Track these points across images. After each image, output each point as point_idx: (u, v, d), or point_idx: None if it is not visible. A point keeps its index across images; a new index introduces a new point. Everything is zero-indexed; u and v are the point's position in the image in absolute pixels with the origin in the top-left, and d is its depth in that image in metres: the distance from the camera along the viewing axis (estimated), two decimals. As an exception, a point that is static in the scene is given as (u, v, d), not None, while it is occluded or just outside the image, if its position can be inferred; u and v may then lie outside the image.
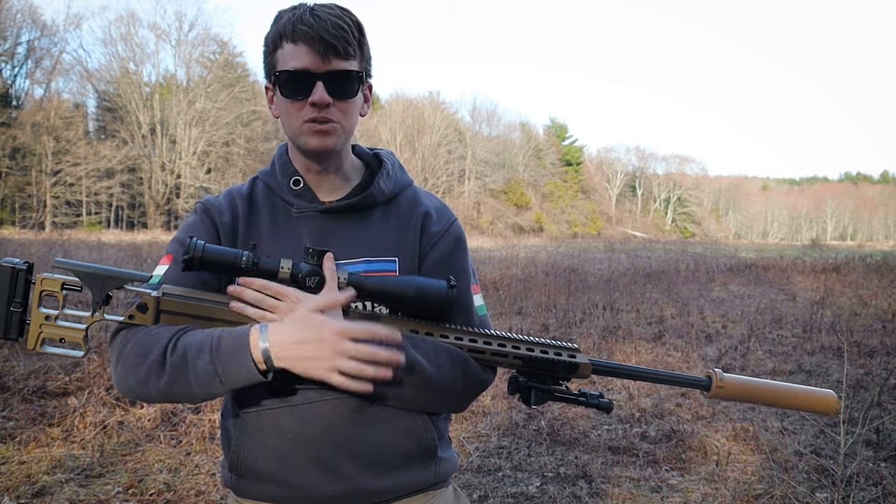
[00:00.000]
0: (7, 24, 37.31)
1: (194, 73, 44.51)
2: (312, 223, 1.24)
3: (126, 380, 1.12)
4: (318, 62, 1.15)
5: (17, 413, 4.36)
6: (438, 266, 1.27)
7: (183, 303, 1.12)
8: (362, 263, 1.22)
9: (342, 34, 1.15)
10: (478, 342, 1.17)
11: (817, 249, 32.33)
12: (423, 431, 1.23)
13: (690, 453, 4.23)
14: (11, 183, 35.87)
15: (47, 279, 1.09)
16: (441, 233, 1.29)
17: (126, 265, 13.14)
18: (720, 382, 1.19)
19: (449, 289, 1.13)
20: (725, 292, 12.99)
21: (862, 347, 7.31)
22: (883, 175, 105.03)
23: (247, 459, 1.20)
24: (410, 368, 1.11)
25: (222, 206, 1.26)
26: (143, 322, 1.11)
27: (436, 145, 54.07)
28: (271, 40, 1.20)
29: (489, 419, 4.79)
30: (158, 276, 1.19)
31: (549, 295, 10.92)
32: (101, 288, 1.08)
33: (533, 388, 1.17)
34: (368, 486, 1.19)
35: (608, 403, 1.17)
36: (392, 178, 1.31)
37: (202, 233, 1.23)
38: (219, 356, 1.05)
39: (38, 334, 1.09)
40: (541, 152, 64.57)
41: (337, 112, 1.18)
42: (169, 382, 1.08)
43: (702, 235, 70.97)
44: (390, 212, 1.29)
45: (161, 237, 27.58)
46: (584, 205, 65.68)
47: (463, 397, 1.22)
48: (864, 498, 3.49)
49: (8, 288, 1.08)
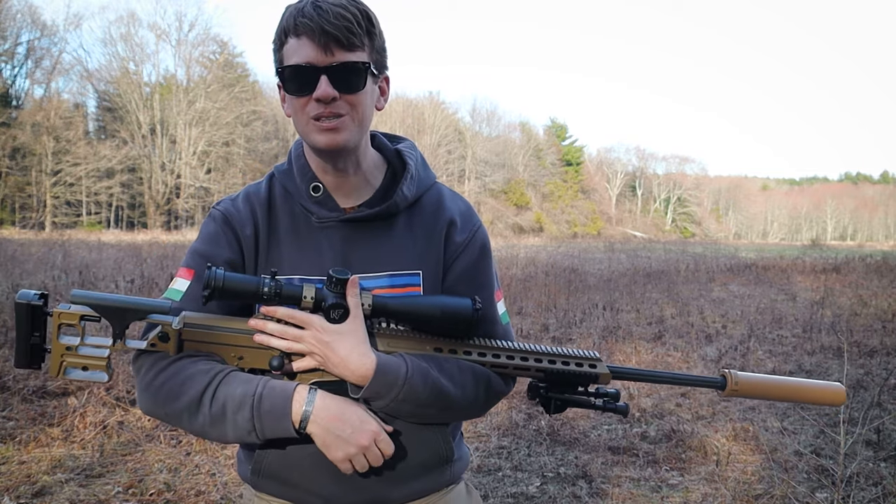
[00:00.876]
0: (7, 24, 37.30)
1: (194, 73, 44.52)
2: (334, 234, 1.21)
3: (155, 410, 1.13)
4: (321, 55, 1.10)
5: (17, 413, 4.36)
6: (463, 279, 1.25)
7: (205, 332, 1.11)
8: (386, 278, 1.20)
9: (345, 24, 1.09)
10: (500, 357, 1.18)
11: (817, 249, 32.33)
12: (440, 442, 1.24)
13: (690, 453, 4.23)
14: (11, 183, 35.86)
15: (65, 313, 1.08)
16: (465, 242, 1.26)
17: (126, 265, 13.14)
18: (735, 383, 1.23)
19: (474, 311, 1.13)
20: (725, 292, 12.99)
21: (862, 347, 7.31)
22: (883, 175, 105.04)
23: (269, 468, 1.21)
24: (437, 395, 1.13)
25: (243, 218, 1.22)
26: (165, 350, 1.11)
27: (436, 145, 54.04)
28: (277, 37, 1.16)
29: (489, 419, 4.79)
30: (180, 292, 1.16)
31: (549, 295, 10.91)
32: (121, 320, 1.08)
33: (553, 398, 1.18)
34: (387, 495, 1.21)
35: (624, 407, 1.19)
36: (416, 179, 1.27)
37: (224, 245, 1.20)
38: (259, 415, 1.06)
39: (60, 363, 1.10)
40: (541, 152, 64.54)
41: (345, 106, 1.13)
42: (204, 426, 1.09)
43: (702, 235, 70.95)
44: (414, 219, 1.25)
45: (161, 237, 27.58)
46: (584, 205, 65.64)
47: (482, 409, 1.24)
48: (864, 498, 3.49)
49: (26, 322, 1.08)
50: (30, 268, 11.76)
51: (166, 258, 14.41)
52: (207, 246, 1.19)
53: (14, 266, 11.75)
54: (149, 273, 11.31)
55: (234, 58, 46.52)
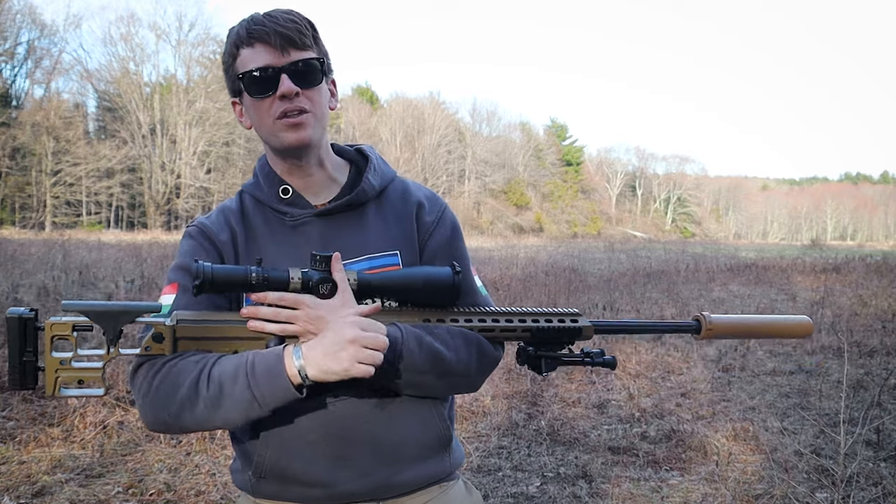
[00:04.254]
0: (7, 24, 37.33)
1: (194, 73, 44.57)
2: (309, 229, 1.24)
3: (158, 416, 1.12)
4: (278, 56, 1.16)
5: (17, 413, 4.36)
6: (439, 253, 1.29)
7: (199, 327, 1.11)
8: (365, 261, 1.23)
9: (296, 27, 1.17)
10: (487, 321, 1.21)
11: (817, 249, 32.32)
12: (438, 421, 1.27)
13: (690, 453, 4.23)
14: (11, 183, 35.87)
15: (57, 324, 1.07)
16: (436, 221, 1.31)
17: (126, 265, 13.15)
18: (709, 324, 1.28)
19: (454, 274, 1.16)
20: (725, 292, 12.99)
21: (862, 347, 7.31)
22: (883, 175, 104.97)
23: (270, 462, 1.21)
24: (434, 359, 1.14)
25: (218, 226, 1.25)
26: (161, 352, 1.10)
27: (436, 145, 54.05)
28: (228, 54, 1.21)
29: (489, 419, 4.79)
30: (167, 306, 1.18)
31: (549, 295, 10.91)
32: (114, 325, 1.06)
33: (543, 357, 1.21)
34: (390, 480, 1.22)
35: (612, 360, 1.22)
36: (379, 172, 1.32)
37: (203, 256, 1.22)
38: (255, 380, 1.06)
39: (54, 380, 1.07)
40: (541, 152, 64.57)
41: (306, 101, 1.19)
42: (206, 412, 1.09)
43: (702, 235, 70.96)
44: (383, 206, 1.30)
45: (161, 237, 27.58)
46: (584, 205, 65.68)
47: (478, 377, 1.25)
48: (864, 498, 3.49)
49: (17, 338, 1.06)
50: (30, 268, 11.76)
51: (166, 258, 14.41)
52: (188, 259, 1.20)
53: (14, 266, 11.74)
54: (149, 273, 11.31)
55: (234, 58, 46.47)
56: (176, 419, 1.11)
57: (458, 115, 59.91)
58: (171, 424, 1.13)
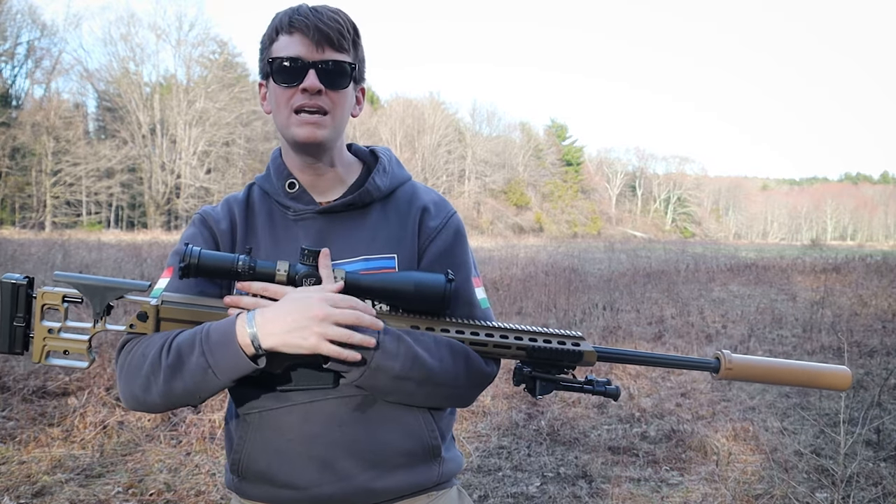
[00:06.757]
0: (7, 24, 37.33)
1: (194, 73, 44.56)
2: (310, 225, 1.24)
3: (131, 390, 1.12)
4: (312, 51, 1.16)
5: (17, 413, 4.36)
6: (438, 260, 1.25)
7: (183, 309, 1.12)
8: (360, 262, 1.21)
9: (337, 27, 1.17)
10: (479, 335, 1.16)
11: (817, 249, 32.31)
12: (424, 430, 1.22)
13: (690, 453, 4.23)
14: (11, 183, 35.87)
15: (48, 293, 1.10)
16: (439, 227, 1.28)
17: (126, 265, 13.14)
18: (728, 364, 1.17)
19: (447, 282, 1.12)
20: (725, 292, 12.99)
21: (862, 347, 7.31)
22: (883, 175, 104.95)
23: (248, 460, 1.20)
24: (413, 363, 1.11)
25: (219, 215, 1.27)
26: (145, 331, 1.12)
27: (436, 145, 54.06)
28: (267, 36, 1.22)
29: (489, 419, 4.79)
30: (160, 289, 1.18)
31: (549, 295, 10.91)
32: (101, 299, 1.09)
33: (538, 378, 1.15)
34: (370, 485, 1.18)
35: (615, 390, 1.16)
36: (389, 173, 1.31)
37: (200, 242, 1.23)
38: (209, 347, 1.05)
39: (42, 347, 1.10)
40: (541, 152, 64.56)
41: (328, 102, 1.18)
42: (166, 383, 1.08)
43: (702, 235, 70.95)
44: (388, 208, 1.28)
45: (161, 237, 27.57)
46: (584, 205, 65.66)
47: (467, 391, 1.21)
48: (864, 498, 3.49)
49: (10, 303, 1.09)
50: (30, 268, 11.75)
51: (166, 258, 14.37)
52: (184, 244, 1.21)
53: (14, 266, 11.74)
54: (149, 273, 11.31)
55: (233, 58, 46.57)
56: (145, 391, 1.10)
57: (458, 115, 59.96)
58: (141, 398, 1.12)
